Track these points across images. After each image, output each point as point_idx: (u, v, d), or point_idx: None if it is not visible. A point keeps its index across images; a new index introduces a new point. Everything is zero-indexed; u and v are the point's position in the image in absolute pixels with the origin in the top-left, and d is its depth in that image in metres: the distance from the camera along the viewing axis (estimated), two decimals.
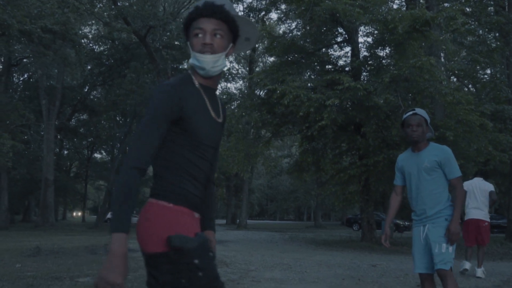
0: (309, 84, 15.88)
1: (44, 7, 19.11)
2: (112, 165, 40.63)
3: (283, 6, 18.59)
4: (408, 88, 14.59)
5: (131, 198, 1.72)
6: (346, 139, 16.76)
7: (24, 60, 35.13)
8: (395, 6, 20.09)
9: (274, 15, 62.75)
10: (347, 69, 17.18)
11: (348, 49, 18.69)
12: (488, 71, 24.97)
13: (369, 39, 17.47)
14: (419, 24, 13.50)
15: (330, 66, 17.26)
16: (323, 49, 18.10)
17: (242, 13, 28.77)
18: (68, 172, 50.51)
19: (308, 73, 18.62)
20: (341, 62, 18.57)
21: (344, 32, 17.49)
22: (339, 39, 18.31)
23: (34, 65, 33.22)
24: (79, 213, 62.90)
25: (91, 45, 35.77)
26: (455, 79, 24.62)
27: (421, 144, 4.03)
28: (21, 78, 41.71)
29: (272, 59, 19.53)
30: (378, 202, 23.55)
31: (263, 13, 18.82)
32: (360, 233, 18.02)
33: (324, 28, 16.98)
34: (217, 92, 2.11)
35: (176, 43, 31.68)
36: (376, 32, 16.39)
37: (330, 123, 13.82)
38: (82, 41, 31.68)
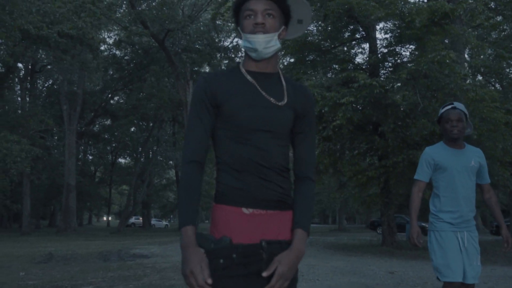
0: (326, 84, 15.43)
1: (44, 6, 19.02)
2: (135, 170, 40.75)
3: None
4: (427, 84, 14.01)
5: (190, 191, 1.73)
6: (364, 139, 16.21)
7: (48, 66, 35.47)
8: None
9: None
10: (364, 66, 16.68)
11: (365, 46, 18.19)
12: None
13: (387, 36, 16.93)
14: (438, 17, 12.96)
15: (346, 64, 16.75)
16: (340, 47, 17.63)
17: None
18: (93, 177, 50.92)
19: (323, 71, 18.11)
20: (358, 60, 18.09)
21: (361, 29, 17.00)
22: (356, 36, 17.83)
23: (55, 71, 33.54)
24: (110, 218, 63.49)
25: (112, 50, 35.87)
26: (480, 77, 23.89)
27: (460, 141, 3.65)
28: (45, 85, 42.23)
29: (290, 60, 19.09)
30: (403, 205, 22.92)
31: None
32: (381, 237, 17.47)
33: (340, 25, 16.50)
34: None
35: (196, 46, 31.59)
36: (393, 27, 15.87)
37: (346, 123, 13.31)
38: (103, 46, 31.85)
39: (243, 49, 1.89)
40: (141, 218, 55.56)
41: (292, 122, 1.85)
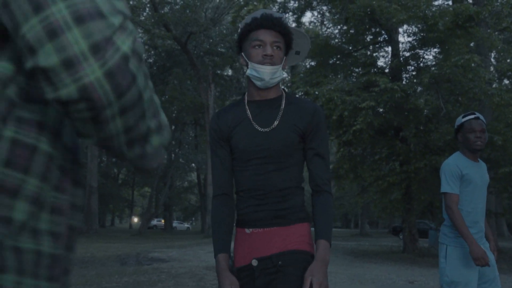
0: (346, 89, 15.23)
1: None
2: (157, 172, 40.94)
3: (318, 6, 18.05)
4: (450, 89, 13.70)
5: (219, 223, 1.95)
6: (385, 144, 15.93)
7: None
8: (439, 2, 19.08)
9: (308, 18, 61.72)
10: (386, 70, 16.41)
11: (387, 49, 17.91)
12: None
13: (410, 39, 16.64)
14: (462, 20, 12.66)
15: (368, 68, 16.51)
16: (362, 50, 17.37)
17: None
18: (116, 179, 51.32)
19: (344, 75, 17.87)
20: (380, 63, 17.80)
21: (383, 32, 16.72)
22: (379, 39, 17.55)
23: None
24: (135, 220, 63.88)
25: None
26: (507, 82, 23.38)
27: (478, 153, 3.51)
28: None
29: (311, 63, 18.94)
30: (427, 210, 22.53)
31: (299, 13, 18.20)
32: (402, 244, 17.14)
33: (362, 28, 16.26)
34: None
35: (219, 49, 31.58)
36: (416, 30, 15.59)
37: (366, 127, 13.08)
38: None
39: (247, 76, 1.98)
40: (163, 221, 55.78)
41: (292, 142, 1.92)
